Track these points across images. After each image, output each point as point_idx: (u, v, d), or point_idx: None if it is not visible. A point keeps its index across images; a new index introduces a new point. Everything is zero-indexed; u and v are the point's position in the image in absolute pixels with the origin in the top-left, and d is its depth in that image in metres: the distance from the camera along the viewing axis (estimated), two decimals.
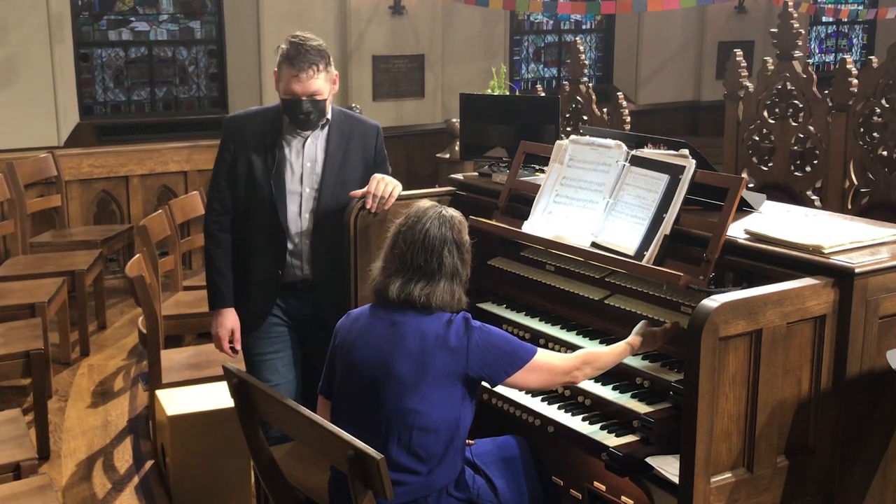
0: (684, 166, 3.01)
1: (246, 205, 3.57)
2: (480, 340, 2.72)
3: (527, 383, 2.83)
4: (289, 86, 3.42)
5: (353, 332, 2.84)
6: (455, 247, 2.78)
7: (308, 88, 3.41)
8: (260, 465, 2.99)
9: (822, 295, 2.58)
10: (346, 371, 2.84)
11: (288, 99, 3.45)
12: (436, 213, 2.81)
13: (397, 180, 3.57)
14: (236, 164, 3.55)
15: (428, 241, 2.75)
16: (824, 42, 11.97)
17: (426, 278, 2.74)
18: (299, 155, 3.55)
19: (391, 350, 2.73)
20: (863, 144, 5.44)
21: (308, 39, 3.43)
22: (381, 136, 3.73)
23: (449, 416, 2.72)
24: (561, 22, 10.05)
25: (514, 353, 2.77)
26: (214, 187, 3.62)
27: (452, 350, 2.69)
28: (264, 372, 3.60)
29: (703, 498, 2.50)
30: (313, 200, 3.55)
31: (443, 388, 2.70)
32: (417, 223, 2.79)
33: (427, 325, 2.73)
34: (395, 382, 2.70)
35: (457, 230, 2.80)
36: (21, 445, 3.63)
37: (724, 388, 2.50)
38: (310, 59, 3.39)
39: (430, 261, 2.74)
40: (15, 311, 5.15)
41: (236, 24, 8.19)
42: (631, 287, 3.19)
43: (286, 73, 3.42)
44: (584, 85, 6.62)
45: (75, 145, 7.43)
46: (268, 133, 3.54)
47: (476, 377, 2.73)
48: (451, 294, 2.77)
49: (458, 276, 2.79)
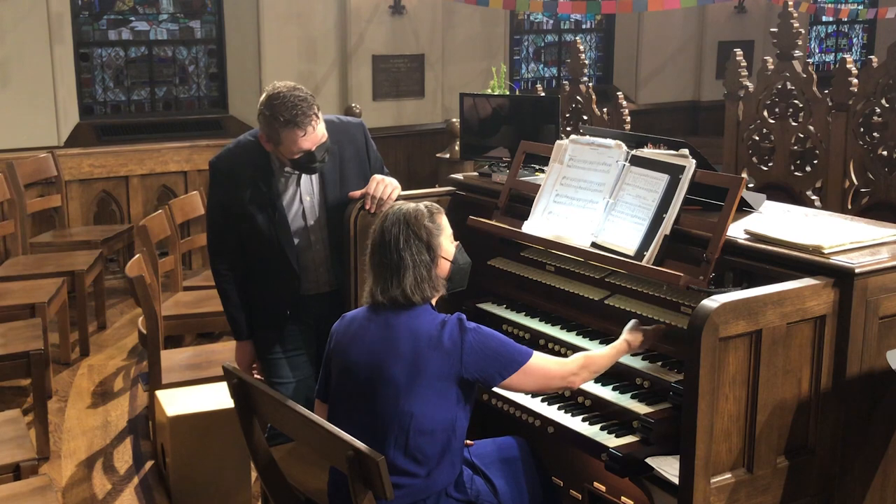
0: (684, 166, 3.01)
1: (250, 249, 3.53)
2: (475, 342, 2.72)
3: (522, 386, 2.85)
4: (298, 146, 3.31)
5: (348, 336, 2.85)
6: (412, 237, 2.80)
7: (317, 140, 3.34)
8: (260, 465, 2.99)
9: (822, 295, 2.58)
10: (341, 374, 2.85)
11: (299, 157, 3.35)
12: (393, 211, 2.86)
13: (396, 180, 3.57)
14: (232, 214, 3.49)
15: (386, 239, 2.81)
16: (824, 42, 11.97)
17: (395, 274, 2.78)
18: (296, 194, 3.52)
19: (385, 353, 2.73)
20: (863, 144, 5.44)
21: (291, 92, 3.29)
22: (367, 131, 3.71)
23: (445, 417, 2.72)
24: (561, 22, 10.05)
25: (508, 356, 2.76)
26: (215, 231, 3.57)
27: (446, 352, 2.70)
28: (280, 369, 3.62)
29: (703, 498, 2.50)
30: (322, 229, 3.55)
31: (437, 390, 2.70)
32: (378, 226, 2.86)
33: (420, 326, 2.74)
34: (390, 385, 2.71)
35: (413, 222, 2.81)
36: (21, 446, 3.63)
37: (724, 389, 2.50)
38: (307, 113, 3.29)
39: (392, 257, 2.79)
40: (15, 312, 5.15)
41: (236, 24, 8.18)
42: (631, 287, 3.19)
43: (290, 136, 3.29)
44: (584, 85, 6.62)
45: (75, 145, 7.42)
46: (259, 181, 3.45)
47: (471, 379, 2.73)
48: (420, 280, 2.78)
49: (423, 264, 2.80)
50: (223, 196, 3.51)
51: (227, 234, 3.54)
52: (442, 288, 2.88)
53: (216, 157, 3.55)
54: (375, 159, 3.70)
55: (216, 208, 3.55)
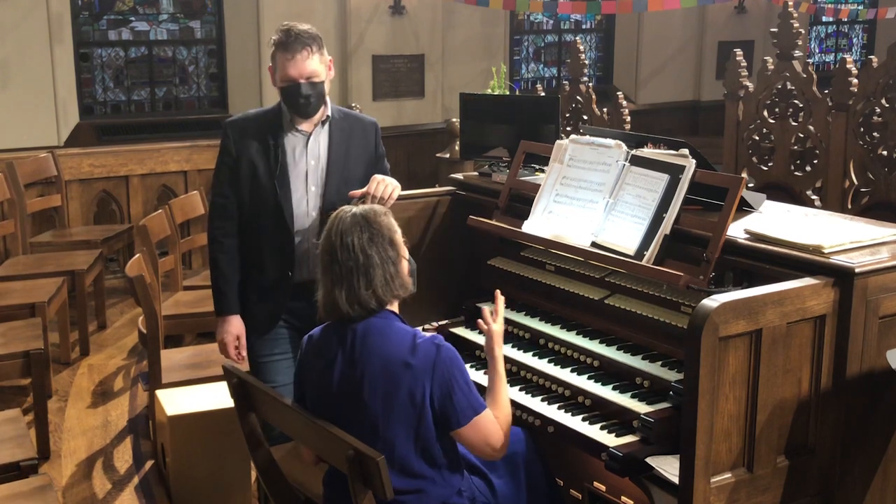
0: (684, 166, 3.01)
1: (250, 207, 3.55)
2: (447, 359, 2.61)
3: (468, 439, 2.68)
4: (285, 71, 3.42)
5: (317, 369, 2.75)
6: (376, 234, 2.69)
7: (304, 70, 3.41)
8: (260, 465, 2.99)
9: (822, 295, 2.58)
10: (314, 402, 2.77)
11: (286, 86, 3.44)
12: (344, 213, 2.74)
13: (397, 180, 3.57)
14: (239, 167, 3.53)
15: (346, 240, 2.69)
16: (824, 42, 11.97)
17: (363, 274, 2.67)
18: (303, 153, 3.54)
19: (357, 383, 2.64)
20: (863, 144, 5.44)
21: (298, 25, 3.46)
22: (380, 132, 3.73)
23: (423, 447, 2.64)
24: (561, 22, 10.05)
25: (470, 393, 2.65)
26: (217, 192, 3.60)
27: (417, 369, 2.60)
28: (270, 373, 3.60)
29: (703, 498, 2.49)
30: (319, 198, 3.55)
31: (408, 426, 2.62)
32: (331, 231, 2.73)
33: (391, 350, 2.64)
34: (365, 419, 2.63)
35: (373, 219, 2.72)
36: (21, 445, 3.63)
37: (724, 388, 2.50)
38: (303, 42, 3.41)
39: (357, 257, 2.67)
40: (15, 311, 5.15)
41: (236, 24, 8.19)
42: (631, 287, 3.19)
43: (281, 59, 3.42)
44: (584, 85, 6.62)
45: (75, 145, 7.42)
46: (269, 134, 3.53)
47: (437, 405, 2.61)
48: (390, 278, 2.69)
49: (390, 260, 2.70)
50: (230, 159, 3.54)
51: (229, 193, 3.55)
52: (406, 290, 2.76)
53: (230, 118, 3.69)
54: (381, 158, 3.71)
55: (222, 168, 3.57)
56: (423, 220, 3.81)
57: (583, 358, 3.21)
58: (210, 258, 3.64)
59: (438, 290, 3.82)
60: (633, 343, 3.17)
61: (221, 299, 3.61)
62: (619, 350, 3.15)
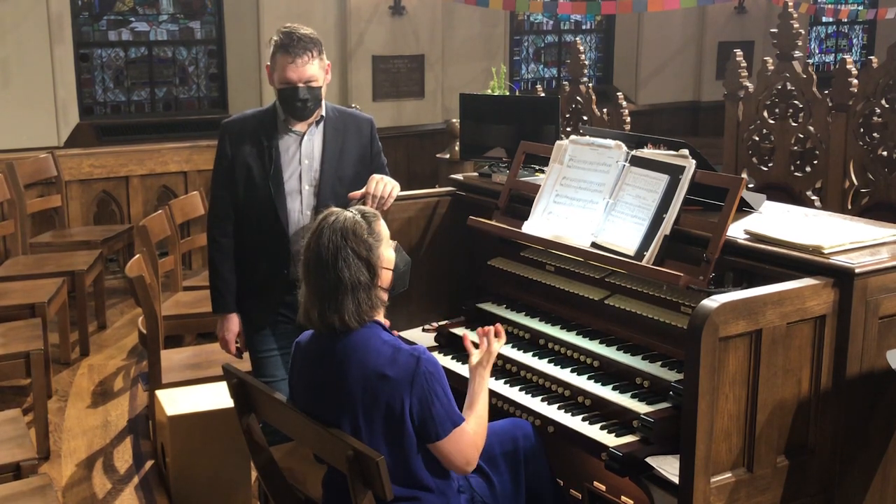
0: (684, 166, 3.01)
1: (246, 207, 3.58)
2: (426, 372, 2.57)
3: (445, 452, 2.63)
4: (284, 74, 3.44)
5: (304, 378, 2.74)
6: (351, 255, 2.60)
7: (304, 74, 3.43)
8: (260, 465, 2.99)
9: (822, 295, 2.58)
10: (304, 409, 2.74)
11: (284, 87, 3.47)
12: (328, 223, 2.65)
13: (396, 180, 3.58)
14: (234, 167, 3.57)
15: (323, 257, 2.60)
16: (824, 42, 11.97)
17: (332, 297, 2.59)
18: (296, 153, 3.57)
19: (338, 396, 2.63)
20: (863, 144, 5.44)
21: (300, 28, 3.48)
22: (375, 128, 3.75)
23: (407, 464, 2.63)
24: (561, 22, 10.05)
25: (450, 406, 2.62)
26: (215, 193, 3.65)
27: (395, 381, 2.56)
28: (269, 368, 3.64)
29: (703, 498, 2.50)
30: (313, 197, 3.57)
31: (390, 438, 2.61)
32: (311, 240, 2.65)
33: (369, 362, 2.60)
34: (350, 431, 2.61)
35: (352, 237, 2.62)
36: (21, 445, 3.63)
37: (724, 388, 2.50)
38: (304, 46, 3.43)
39: (329, 276, 2.59)
40: (15, 311, 5.15)
41: (236, 24, 8.19)
42: (631, 287, 3.19)
43: (282, 61, 3.44)
44: (584, 85, 6.62)
45: (75, 145, 7.42)
46: (263, 134, 3.56)
47: (416, 418, 2.58)
48: (359, 304, 2.61)
49: (362, 286, 2.61)
50: (226, 161, 3.58)
51: (225, 194, 3.59)
52: (382, 304, 2.70)
53: (227, 119, 3.71)
54: (377, 155, 3.72)
55: (219, 169, 3.62)
56: (422, 220, 3.82)
57: (583, 358, 3.21)
58: (209, 258, 3.70)
59: (438, 290, 3.82)
60: (633, 343, 3.17)
61: (219, 298, 3.68)
62: (619, 350, 3.15)
